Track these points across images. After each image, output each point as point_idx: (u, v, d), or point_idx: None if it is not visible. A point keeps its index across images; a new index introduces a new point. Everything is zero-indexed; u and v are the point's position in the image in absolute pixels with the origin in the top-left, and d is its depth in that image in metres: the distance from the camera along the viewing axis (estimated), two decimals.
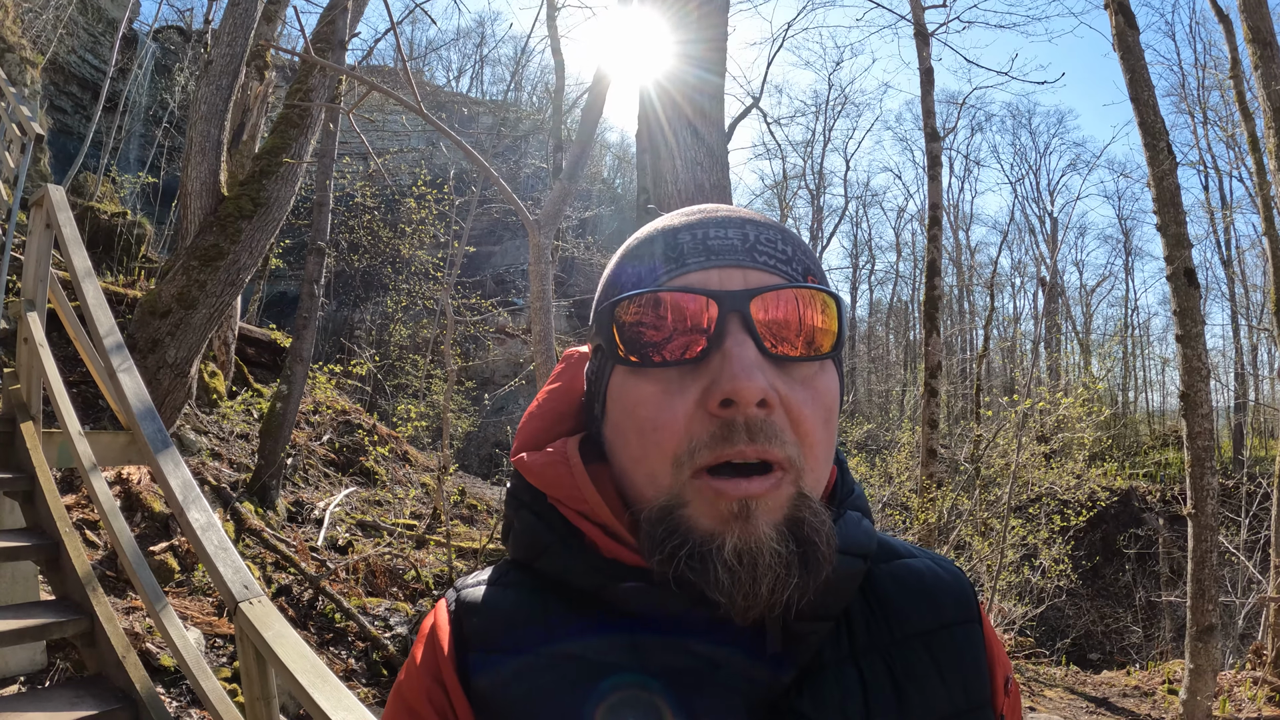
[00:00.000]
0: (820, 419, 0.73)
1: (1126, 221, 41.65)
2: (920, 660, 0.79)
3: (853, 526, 0.79)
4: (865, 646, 0.78)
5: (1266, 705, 8.31)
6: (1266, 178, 9.97)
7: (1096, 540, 20.58)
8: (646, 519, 0.71)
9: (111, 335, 4.38)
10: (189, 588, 6.56)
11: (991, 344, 30.90)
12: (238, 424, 10.34)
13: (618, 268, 0.82)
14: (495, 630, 0.77)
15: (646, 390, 0.73)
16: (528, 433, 0.86)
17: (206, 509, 3.44)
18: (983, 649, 0.84)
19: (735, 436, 0.68)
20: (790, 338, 0.72)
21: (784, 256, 0.77)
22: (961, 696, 0.79)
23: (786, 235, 0.79)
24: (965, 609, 0.85)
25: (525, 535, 0.81)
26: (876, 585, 0.83)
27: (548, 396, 0.88)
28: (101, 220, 12.52)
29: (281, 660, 2.60)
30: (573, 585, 0.77)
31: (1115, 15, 6.96)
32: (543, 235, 4.72)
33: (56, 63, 23.07)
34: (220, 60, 8.69)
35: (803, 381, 0.73)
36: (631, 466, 0.75)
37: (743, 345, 0.69)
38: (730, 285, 0.73)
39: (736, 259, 0.75)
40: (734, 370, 0.68)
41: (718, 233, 0.77)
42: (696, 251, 0.76)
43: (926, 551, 0.91)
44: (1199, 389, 6.67)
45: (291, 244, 19.89)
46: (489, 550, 10.45)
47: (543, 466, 0.80)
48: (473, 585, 0.82)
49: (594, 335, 0.81)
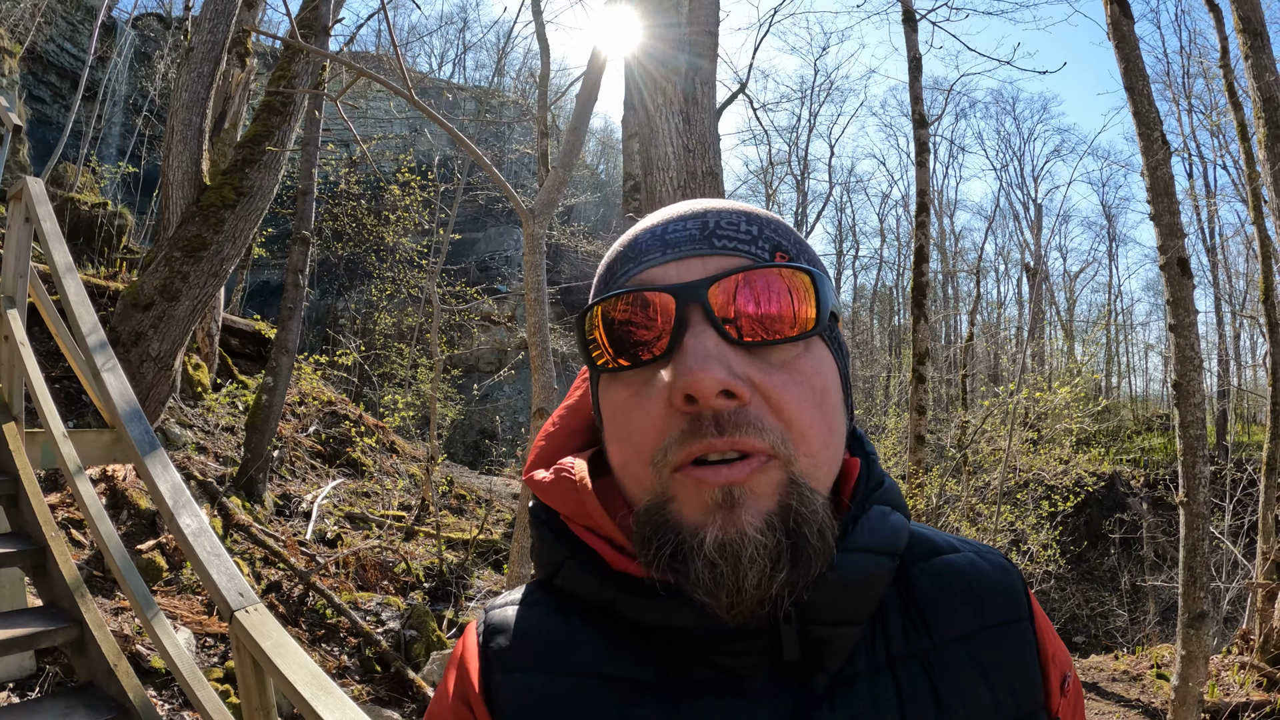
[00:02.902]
0: (810, 402, 0.69)
1: (1111, 208, 41.95)
2: (962, 666, 0.75)
3: (879, 521, 0.75)
4: (902, 653, 0.74)
5: (1255, 690, 8.38)
6: (1256, 167, 9.97)
7: (1082, 525, 20.75)
8: (636, 520, 0.69)
9: (95, 333, 4.28)
10: (178, 585, 6.48)
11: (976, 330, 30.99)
12: (223, 417, 10.22)
13: (595, 279, 0.81)
14: (519, 649, 0.76)
15: (621, 394, 0.72)
16: (542, 451, 0.85)
17: (198, 513, 3.36)
18: (1034, 648, 0.79)
19: (704, 430, 0.65)
20: (760, 321, 0.69)
21: (747, 237, 0.73)
22: (1010, 702, 0.74)
23: (752, 216, 0.76)
24: (1013, 606, 0.80)
25: (544, 553, 0.80)
26: (913, 586, 0.79)
27: (564, 413, 0.87)
28: (82, 211, 12.33)
29: (282, 672, 2.54)
30: (590, 601, 0.75)
31: (1110, 4, 6.91)
32: (537, 225, 4.65)
33: (35, 52, 22.76)
34: (201, 47, 8.55)
35: (783, 365, 0.69)
36: (621, 472, 0.73)
37: (700, 337, 0.67)
38: (689, 276, 0.71)
39: (694, 248, 0.72)
40: (688, 365, 0.65)
41: (675, 225, 0.75)
42: (654, 247, 0.74)
43: (971, 543, 0.86)
44: (1191, 378, 6.67)
45: (275, 232, 19.70)
46: (479, 541, 10.41)
47: (551, 483, 0.79)
48: (500, 606, 0.81)
49: (578, 349, 0.78)
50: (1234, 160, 22.27)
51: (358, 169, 21.80)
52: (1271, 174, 8.51)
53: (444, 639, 7.30)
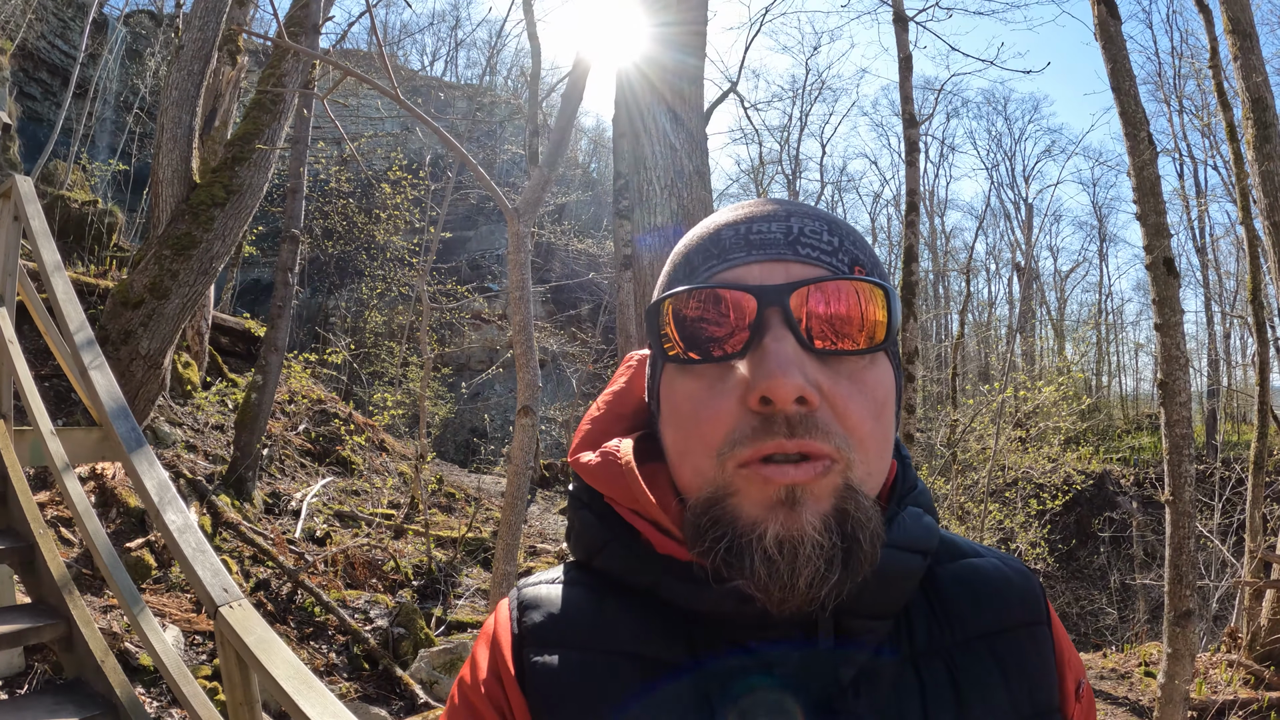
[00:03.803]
0: (870, 413, 0.71)
1: (1101, 208, 42.07)
2: (983, 664, 0.77)
3: (913, 522, 0.78)
4: (925, 648, 0.77)
5: (1242, 688, 8.43)
6: (1245, 167, 10.01)
7: (1071, 523, 20.83)
8: (692, 510, 0.71)
9: (82, 330, 4.28)
10: (166, 584, 6.47)
11: (967, 329, 31.07)
12: (212, 415, 10.21)
13: (669, 266, 0.83)
14: (553, 626, 0.77)
15: (691, 386, 0.73)
16: (588, 434, 0.86)
17: (183, 509, 3.37)
18: (1051, 652, 0.81)
19: (775, 430, 0.66)
20: (834, 331, 0.70)
21: (829, 248, 0.75)
22: (1026, 702, 0.77)
23: (835, 226, 0.78)
24: (1033, 610, 0.83)
25: (584, 535, 0.81)
26: (939, 585, 0.81)
27: (611, 399, 0.89)
28: (72, 209, 12.30)
29: (265, 668, 2.55)
30: (629, 583, 0.77)
31: (1097, 4, 6.93)
32: (522, 224, 4.66)
33: (25, 48, 22.60)
34: (192, 45, 8.52)
35: (850, 375, 0.71)
36: (678, 460, 0.74)
37: (780, 341, 0.68)
38: (771, 279, 0.72)
39: (778, 252, 0.74)
40: (770, 368, 0.66)
41: (760, 226, 0.76)
42: (738, 246, 0.75)
43: (994, 551, 0.89)
44: (1177, 377, 6.70)
45: (264, 230, 19.66)
46: (468, 539, 10.42)
47: (596, 466, 0.80)
48: (533, 584, 0.83)
49: (646, 334, 0.79)
50: (1224, 161, 22.37)
51: (348, 167, 21.73)
52: (1260, 174, 8.55)
53: (432, 637, 7.31)
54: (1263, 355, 11.01)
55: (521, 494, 4.04)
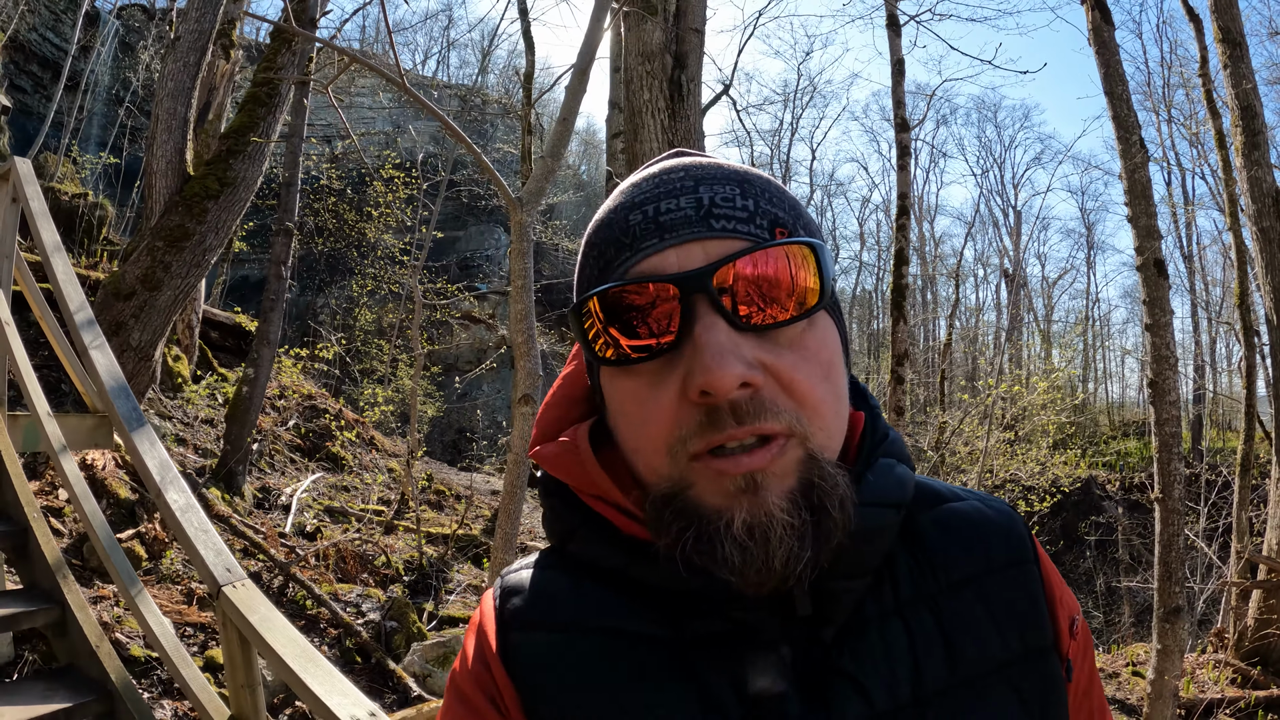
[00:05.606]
0: (819, 375, 0.69)
1: (1089, 215, 42.37)
2: (970, 607, 0.76)
3: (884, 475, 0.75)
4: (910, 598, 0.75)
5: (1229, 686, 8.50)
6: (1233, 174, 10.11)
7: (1058, 527, 20.93)
8: (652, 503, 0.69)
9: (83, 310, 4.26)
10: (157, 575, 6.44)
11: (955, 334, 31.18)
12: (202, 409, 10.16)
13: (582, 260, 0.80)
14: (534, 609, 0.77)
15: (631, 385, 0.71)
16: (544, 423, 0.85)
17: (185, 489, 3.35)
18: (1041, 590, 0.80)
19: (722, 421, 0.65)
20: (765, 302, 0.68)
21: (744, 214, 0.72)
22: (1018, 642, 0.75)
23: (747, 186, 0.74)
24: (1018, 549, 0.81)
25: (556, 522, 0.81)
26: (921, 533, 0.80)
27: (562, 382, 0.87)
28: (62, 201, 12.22)
29: (270, 644, 2.54)
30: (601, 566, 0.76)
31: (1091, 10, 7.00)
32: (525, 213, 4.65)
33: (17, 41, 22.46)
34: (188, 36, 8.50)
35: (790, 344, 0.69)
36: (632, 457, 0.73)
37: (711, 330, 0.66)
38: (690, 263, 0.69)
39: (692, 231, 0.70)
40: (705, 361, 0.64)
41: (668, 205, 0.72)
42: (649, 232, 0.72)
43: (975, 493, 0.87)
44: (1167, 376, 6.76)
45: (255, 226, 19.57)
46: (458, 536, 10.40)
47: (555, 457, 0.79)
48: (516, 570, 0.83)
49: (575, 337, 0.77)
50: (1212, 170, 22.54)
51: (339, 164, 21.68)
52: (1248, 180, 8.64)
53: (424, 630, 7.29)
54: (1250, 360, 11.11)
55: (521, 482, 4.04)
